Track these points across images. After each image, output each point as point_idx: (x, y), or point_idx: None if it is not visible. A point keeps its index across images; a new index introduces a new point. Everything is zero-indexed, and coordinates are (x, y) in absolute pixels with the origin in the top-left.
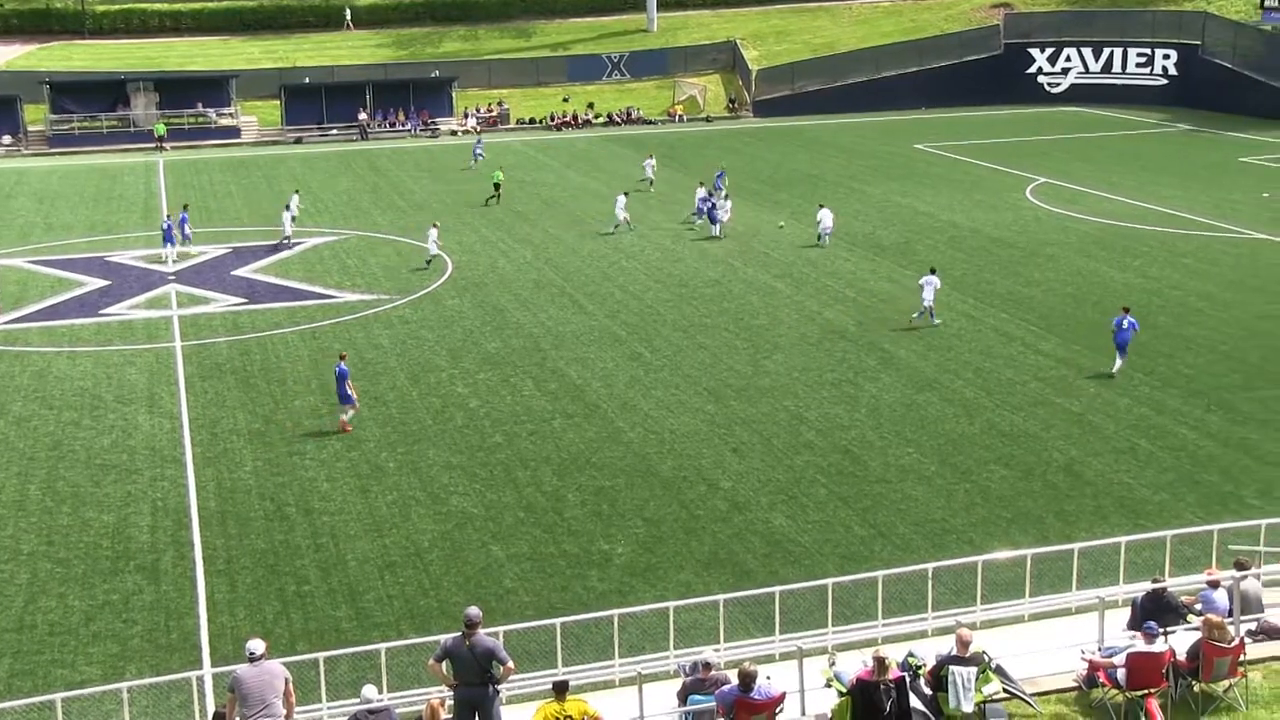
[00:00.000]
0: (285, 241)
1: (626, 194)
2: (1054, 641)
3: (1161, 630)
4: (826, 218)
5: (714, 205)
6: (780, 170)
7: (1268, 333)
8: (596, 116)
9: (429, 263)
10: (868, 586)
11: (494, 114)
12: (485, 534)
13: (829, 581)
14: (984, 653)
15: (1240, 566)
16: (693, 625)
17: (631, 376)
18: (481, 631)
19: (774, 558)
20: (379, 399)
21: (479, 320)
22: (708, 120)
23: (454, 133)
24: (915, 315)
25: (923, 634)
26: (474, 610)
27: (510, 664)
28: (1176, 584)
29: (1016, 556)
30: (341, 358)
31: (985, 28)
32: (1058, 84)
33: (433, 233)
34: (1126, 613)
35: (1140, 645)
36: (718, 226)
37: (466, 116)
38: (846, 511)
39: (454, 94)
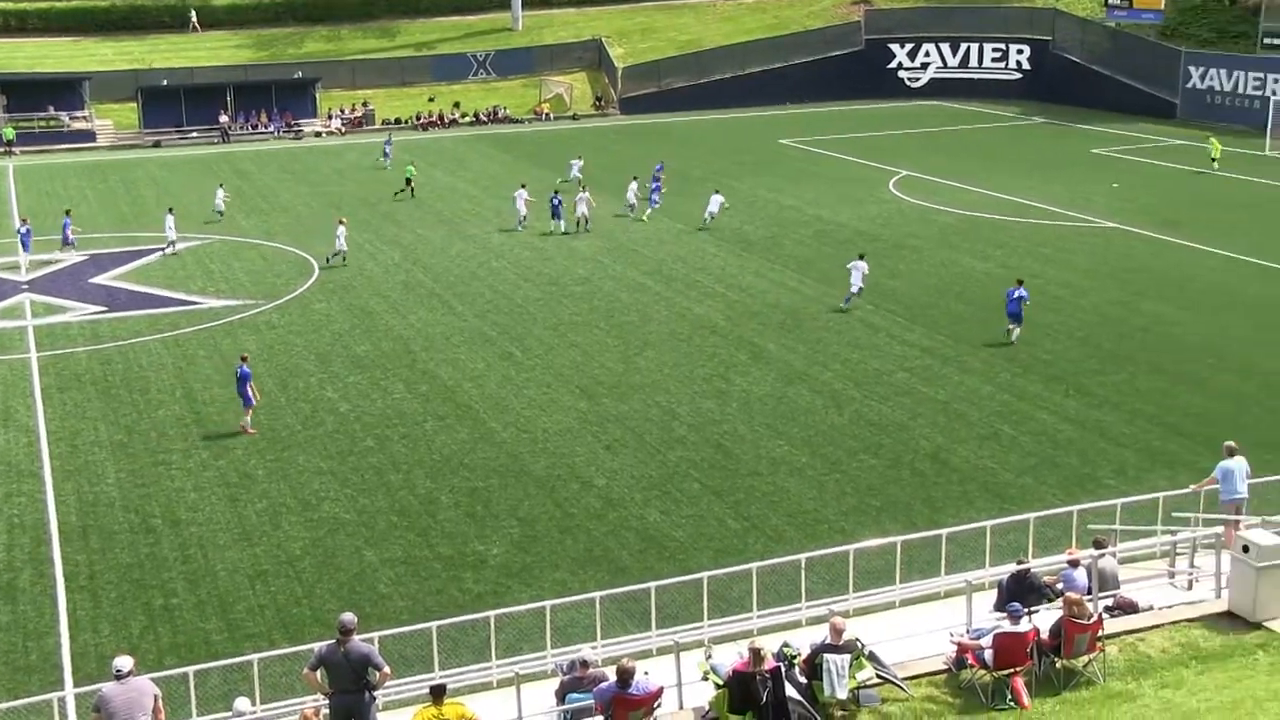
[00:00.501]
0: (170, 248)
1: (524, 185)
2: (924, 626)
3: (1026, 610)
4: (714, 202)
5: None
6: (648, 168)
7: (1120, 319)
8: (463, 116)
9: (343, 259)
10: (742, 579)
11: (359, 115)
12: (358, 539)
13: (704, 575)
14: (857, 640)
15: (1098, 545)
16: (569, 624)
17: (503, 376)
18: (356, 637)
19: (649, 553)
20: None
21: (348, 323)
22: (574, 118)
23: (318, 134)
24: (845, 301)
25: (797, 624)
26: (348, 616)
27: (386, 669)
28: (1039, 565)
29: (887, 543)
30: (243, 359)
31: (847, 24)
32: (918, 79)
33: (340, 230)
34: (994, 595)
35: (1006, 626)
36: (561, 222)
37: (331, 118)
38: (720, 505)
39: (317, 95)
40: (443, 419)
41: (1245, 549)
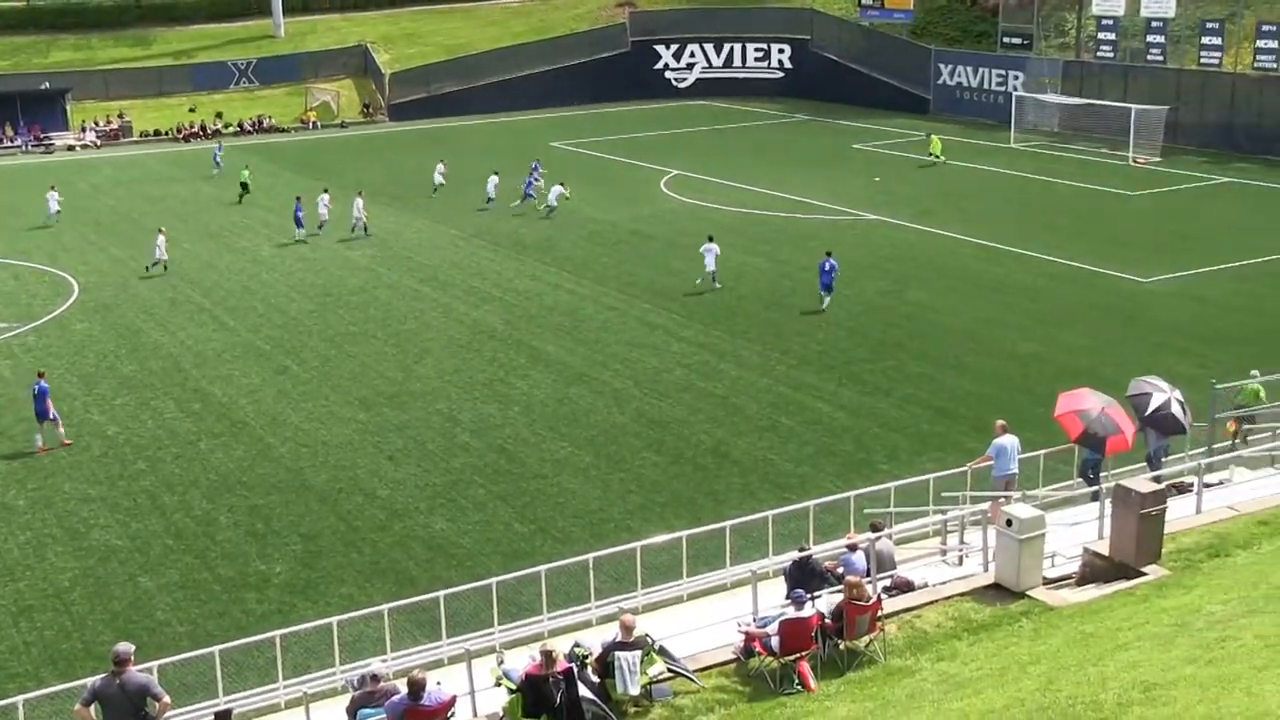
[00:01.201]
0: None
1: (361, 193)
2: (713, 617)
3: (809, 596)
4: (554, 193)
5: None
6: (421, 174)
7: (886, 307)
8: (226, 126)
9: (164, 267)
10: (531, 582)
11: (115, 127)
12: (132, 566)
13: (493, 581)
14: (647, 636)
15: (875, 528)
16: (358, 638)
17: (279, 391)
18: (133, 668)
19: (436, 562)
20: (3, 434)
21: (113, 343)
22: (342, 126)
23: (71, 148)
24: (699, 280)
25: (588, 624)
26: (123, 646)
27: (166, 699)
28: (821, 551)
29: (672, 539)
30: (40, 375)
31: (612, 26)
32: (684, 79)
33: (160, 239)
34: (779, 583)
35: (791, 612)
36: (302, 230)
37: (84, 130)
38: (506, 509)
39: (69, 106)
40: (218, 437)
41: (1009, 523)
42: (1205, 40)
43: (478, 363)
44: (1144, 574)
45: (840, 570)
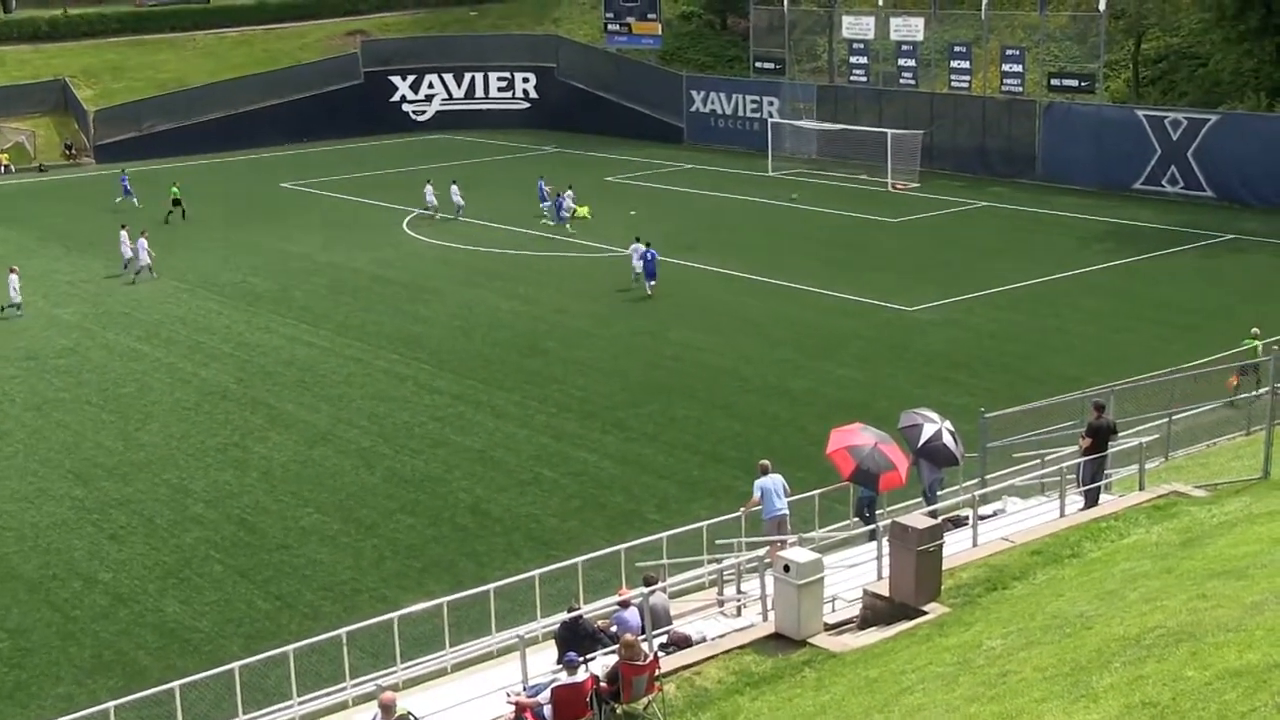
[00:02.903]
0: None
1: (145, 233)
2: (480, 689)
3: (582, 659)
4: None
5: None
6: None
7: (648, 348)
8: None
9: (18, 309)
10: (278, 664)
11: None
12: None
13: (234, 665)
14: (409, 713)
15: (648, 582)
16: None
17: None
18: None
19: (170, 650)
20: None
21: None
22: (41, 170)
23: None
24: (634, 280)
25: (344, 705)
26: None
27: None
28: (592, 609)
29: (432, 607)
30: None
31: (343, 56)
32: (423, 111)
33: (13, 279)
34: (549, 648)
35: (563, 678)
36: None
37: None
38: (247, 586)
39: None
40: None
41: (786, 569)
42: (954, 64)
43: (209, 426)
44: (925, 613)
45: (613, 629)
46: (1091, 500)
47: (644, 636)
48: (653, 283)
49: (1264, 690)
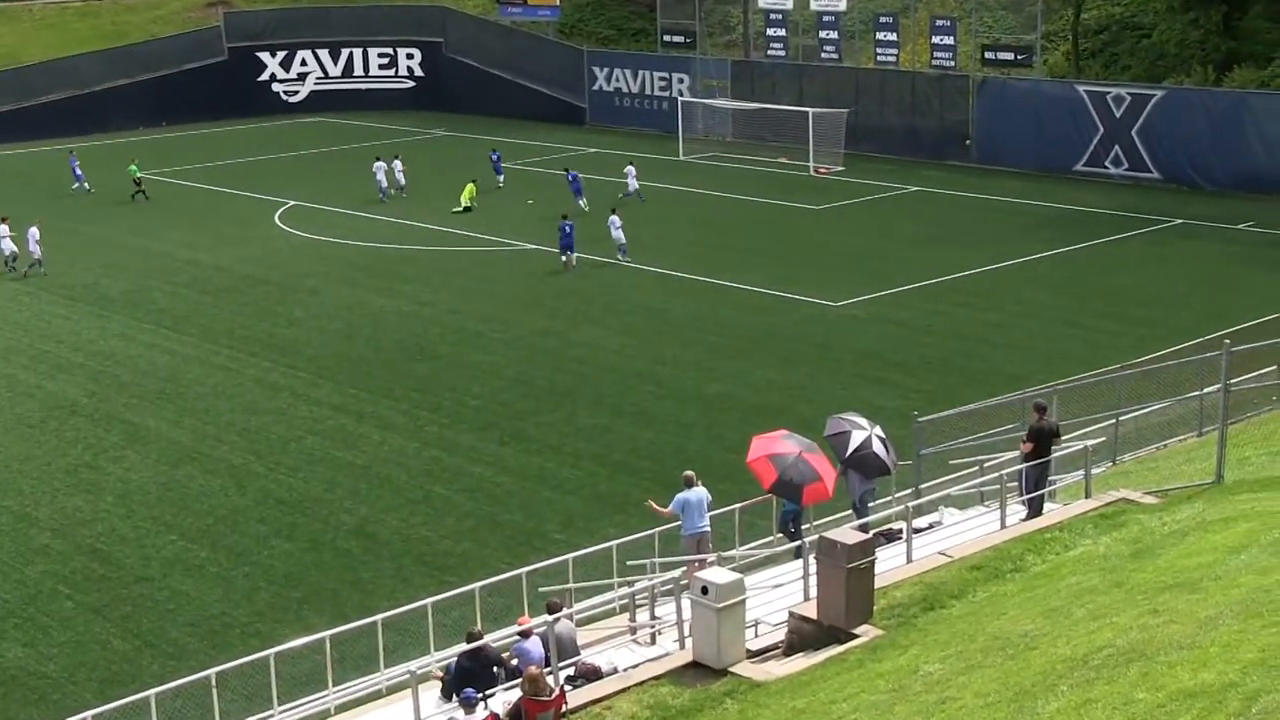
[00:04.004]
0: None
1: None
2: None
3: (480, 695)
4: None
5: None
6: None
7: (551, 350)
8: None
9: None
10: (138, 711)
11: None
12: None
13: (89, 714)
14: None
15: (552, 609)
16: None
17: None
18: None
19: (12, 699)
20: None
21: None
22: None
23: None
24: (621, 255)
25: None
26: None
27: None
28: (491, 639)
29: (313, 641)
30: None
31: (204, 30)
32: (296, 92)
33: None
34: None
35: (460, 717)
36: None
37: None
38: (102, 624)
39: None
40: None
41: (704, 591)
42: (880, 36)
43: (57, 445)
44: (856, 636)
45: (515, 662)
46: (1035, 510)
47: (549, 669)
48: (573, 255)
49: (1219, 712)
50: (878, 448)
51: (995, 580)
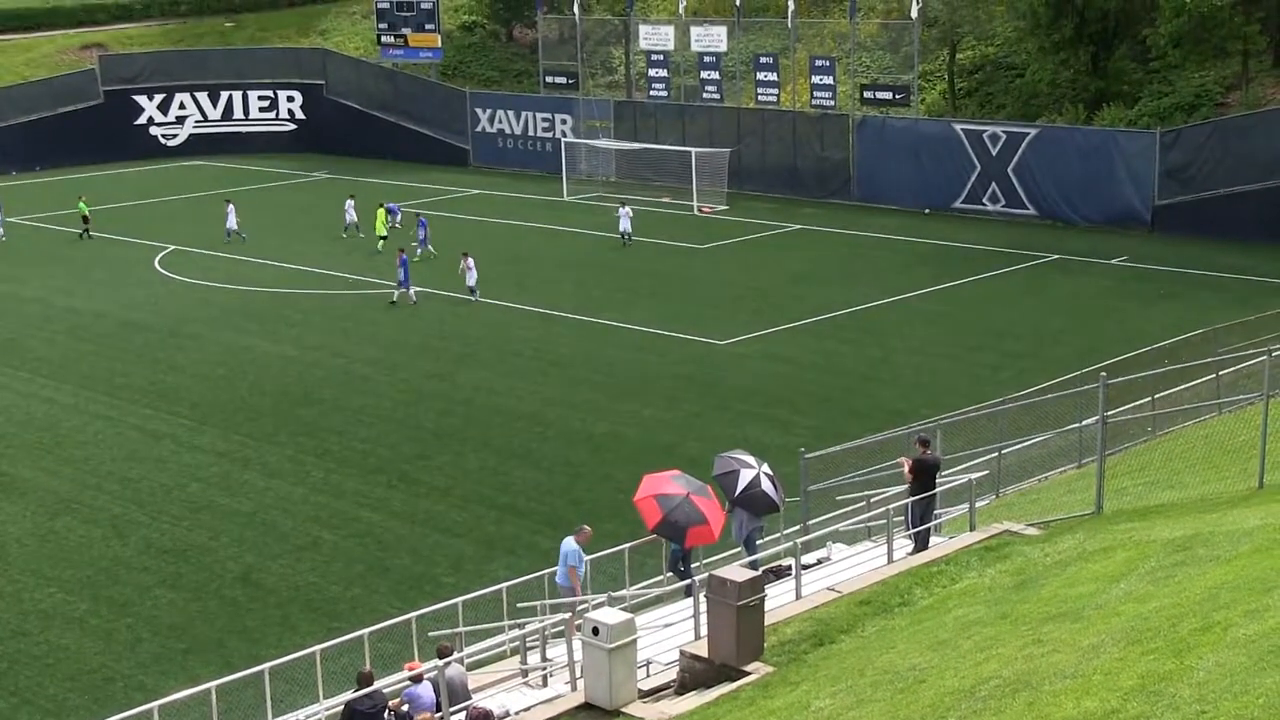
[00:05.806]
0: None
1: None
2: None
3: None
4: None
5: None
6: None
7: (438, 393)
8: None
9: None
10: None
11: None
12: None
13: None
14: None
15: (442, 653)
16: None
17: None
18: None
19: None
20: None
21: None
22: None
23: None
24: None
25: None
26: None
27: None
28: (382, 685)
29: (198, 693)
30: None
31: (79, 73)
32: (174, 135)
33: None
34: None
35: None
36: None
37: None
38: None
39: None
40: None
41: (595, 631)
42: (761, 76)
43: None
44: (747, 673)
45: (405, 708)
46: (921, 544)
47: (439, 714)
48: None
49: None
50: (766, 486)
51: (883, 614)
